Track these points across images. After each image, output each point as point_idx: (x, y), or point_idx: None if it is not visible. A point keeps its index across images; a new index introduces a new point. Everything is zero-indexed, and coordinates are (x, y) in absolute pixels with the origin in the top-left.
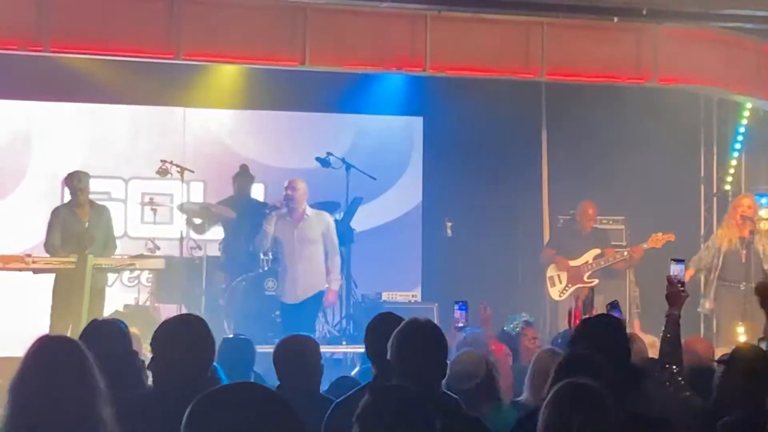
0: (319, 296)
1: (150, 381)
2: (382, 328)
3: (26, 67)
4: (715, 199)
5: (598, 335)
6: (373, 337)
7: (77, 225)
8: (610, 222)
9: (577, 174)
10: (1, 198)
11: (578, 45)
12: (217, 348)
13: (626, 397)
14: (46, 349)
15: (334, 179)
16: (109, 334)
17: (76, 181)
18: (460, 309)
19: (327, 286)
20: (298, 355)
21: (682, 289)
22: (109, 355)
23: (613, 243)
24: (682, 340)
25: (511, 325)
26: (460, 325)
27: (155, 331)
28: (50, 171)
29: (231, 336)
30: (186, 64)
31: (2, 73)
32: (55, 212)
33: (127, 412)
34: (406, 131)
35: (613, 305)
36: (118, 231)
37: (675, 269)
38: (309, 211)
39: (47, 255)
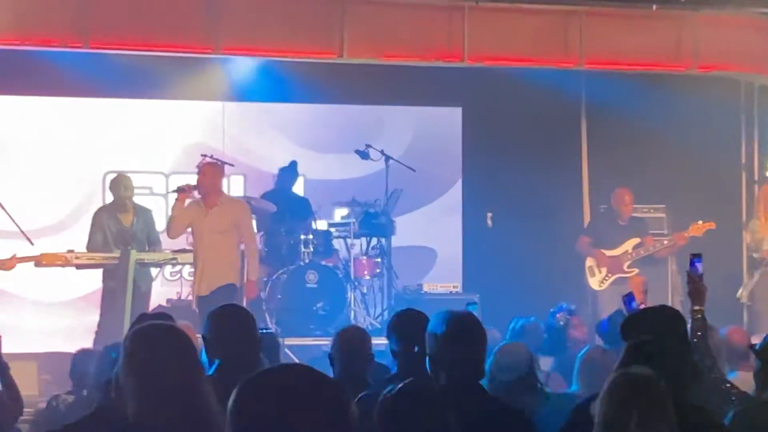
0: (228, 289)
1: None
2: (405, 324)
3: (67, 64)
4: (756, 186)
5: (660, 325)
6: (399, 333)
7: (119, 227)
8: (650, 210)
9: (617, 163)
10: (43, 195)
11: (617, 33)
12: None
13: (686, 389)
14: (150, 334)
15: (374, 171)
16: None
17: (122, 189)
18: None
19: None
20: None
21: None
22: None
23: (653, 231)
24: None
25: (555, 318)
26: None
27: (208, 320)
28: (92, 167)
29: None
30: (225, 58)
31: (43, 71)
32: (98, 215)
33: None
34: (445, 122)
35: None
36: (159, 226)
37: (695, 265)
38: (223, 198)
39: None
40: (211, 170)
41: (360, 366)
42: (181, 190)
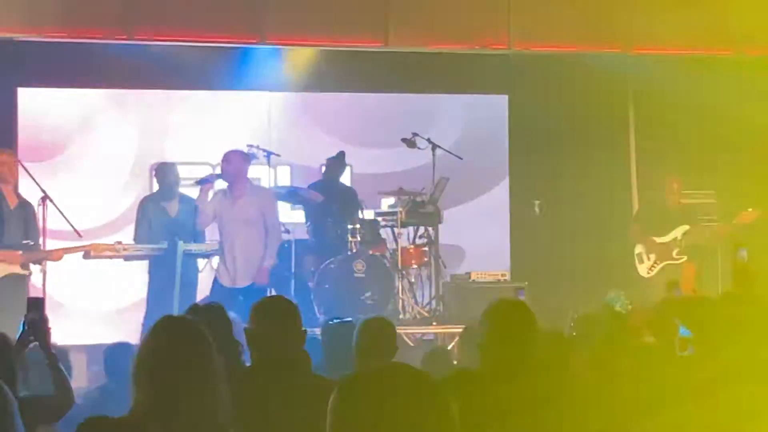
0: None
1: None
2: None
3: (113, 55)
4: None
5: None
6: None
7: (165, 217)
8: (700, 196)
9: (667, 148)
10: (90, 186)
11: (665, 17)
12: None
13: None
14: (167, 329)
15: (421, 156)
16: (210, 318)
17: (169, 177)
18: None
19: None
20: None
21: None
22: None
23: (702, 218)
24: None
25: (618, 304)
26: None
27: (253, 310)
28: (138, 159)
29: None
30: (271, 48)
31: (89, 62)
32: (143, 205)
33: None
34: (491, 109)
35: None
36: None
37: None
38: (249, 187)
39: None
40: (237, 158)
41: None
42: (205, 182)
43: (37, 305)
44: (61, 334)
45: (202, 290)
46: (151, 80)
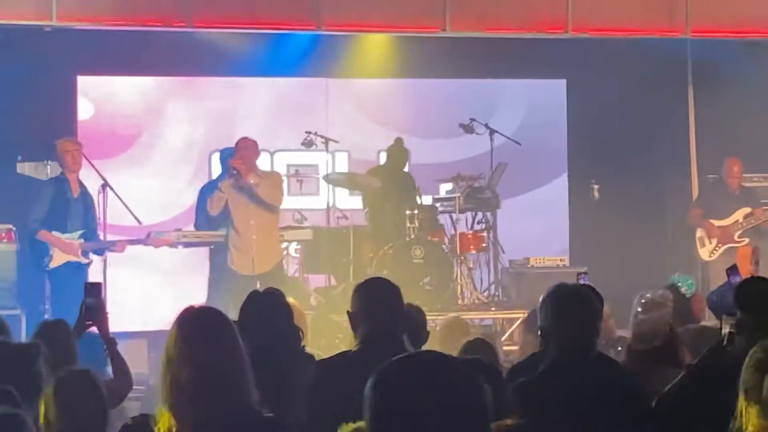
0: (281, 265)
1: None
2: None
3: (171, 43)
4: None
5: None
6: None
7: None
8: (761, 180)
9: (726, 131)
10: (150, 174)
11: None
12: None
13: None
14: (191, 318)
15: (478, 145)
16: (268, 305)
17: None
18: None
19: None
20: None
21: None
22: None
23: (764, 201)
24: None
25: (684, 287)
26: None
27: (354, 294)
28: (197, 146)
29: None
30: (328, 35)
31: (148, 50)
32: (203, 192)
33: (331, 369)
34: (549, 94)
35: (734, 270)
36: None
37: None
38: (261, 173)
39: None
40: (251, 145)
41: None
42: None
43: (94, 290)
44: (121, 320)
45: None
46: (209, 68)
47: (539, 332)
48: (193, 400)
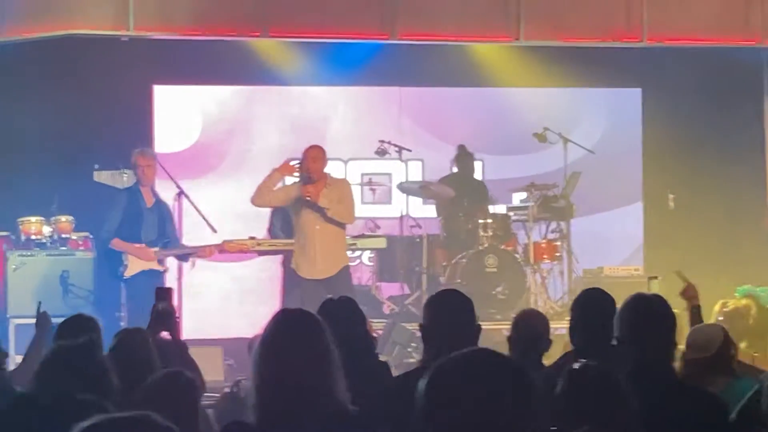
0: (347, 269)
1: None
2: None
3: (246, 52)
4: None
5: None
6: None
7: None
8: None
9: None
10: (227, 182)
11: None
12: None
13: None
14: (285, 321)
15: (552, 154)
16: (344, 314)
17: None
18: None
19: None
20: None
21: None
22: (346, 334)
23: None
24: None
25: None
26: None
27: (427, 305)
28: (270, 155)
29: None
30: (401, 44)
31: (223, 60)
32: None
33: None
34: (624, 103)
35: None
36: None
37: None
38: (329, 179)
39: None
40: (321, 154)
41: (538, 349)
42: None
43: (165, 295)
44: (197, 327)
45: None
46: (284, 77)
47: (615, 342)
48: (281, 400)
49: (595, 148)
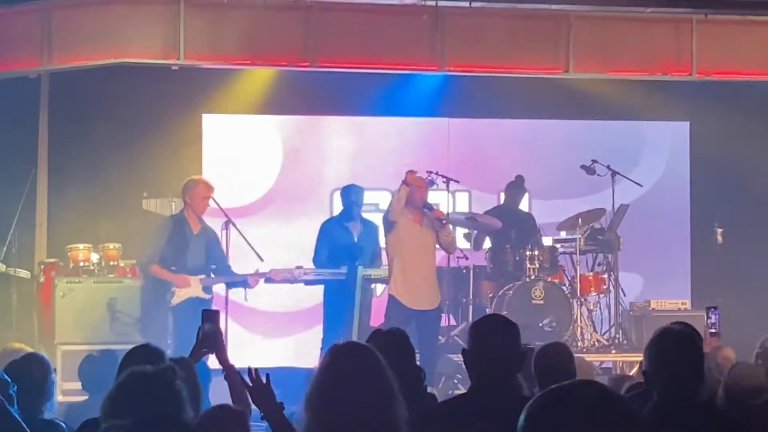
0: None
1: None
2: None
3: (295, 82)
4: None
5: None
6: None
7: (346, 239)
8: None
9: None
10: (273, 211)
11: None
12: None
13: None
14: (343, 356)
15: (600, 187)
16: (392, 344)
17: (354, 195)
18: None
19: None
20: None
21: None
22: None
23: None
24: None
25: None
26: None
27: (471, 330)
28: (319, 184)
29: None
30: (450, 75)
31: (270, 89)
32: (326, 227)
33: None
34: (672, 136)
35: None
36: (383, 242)
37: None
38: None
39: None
40: (425, 184)
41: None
42: (437, 214)
43: (211, 317)
44: (241, 356)
45: (375, 315)
46: (332, 107)
47: (643, 376)
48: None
49: (643, 180)
